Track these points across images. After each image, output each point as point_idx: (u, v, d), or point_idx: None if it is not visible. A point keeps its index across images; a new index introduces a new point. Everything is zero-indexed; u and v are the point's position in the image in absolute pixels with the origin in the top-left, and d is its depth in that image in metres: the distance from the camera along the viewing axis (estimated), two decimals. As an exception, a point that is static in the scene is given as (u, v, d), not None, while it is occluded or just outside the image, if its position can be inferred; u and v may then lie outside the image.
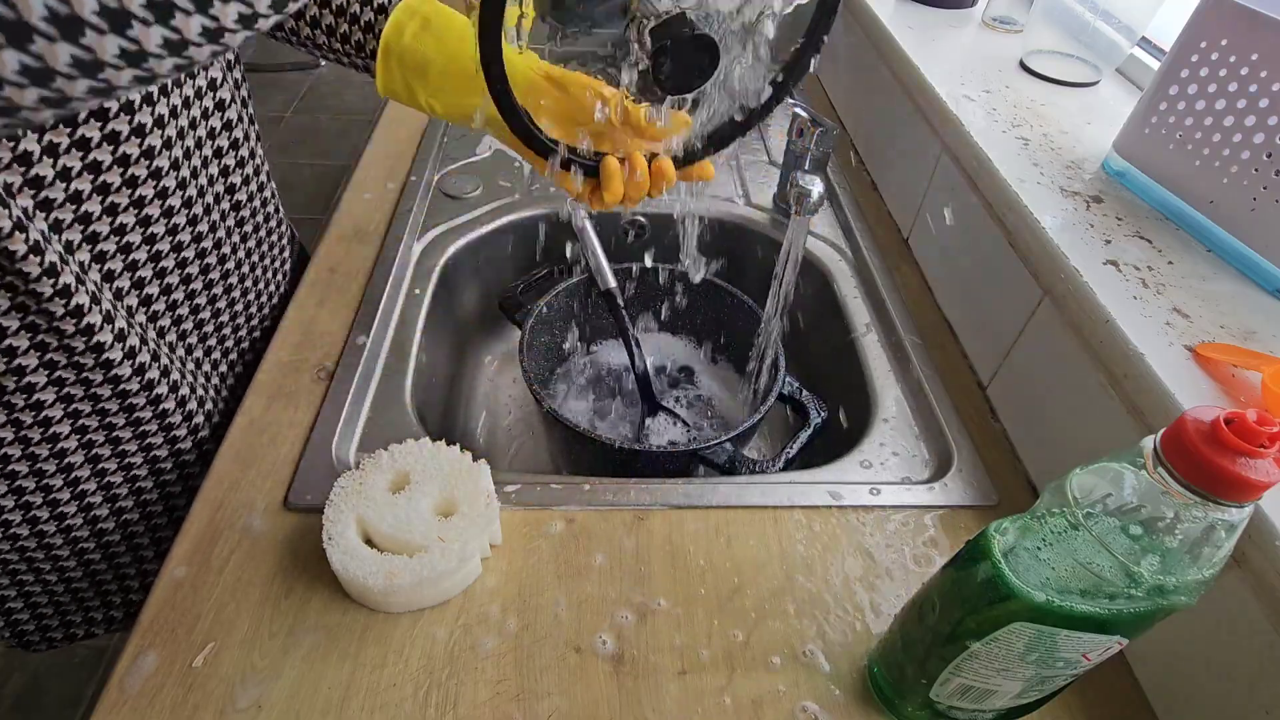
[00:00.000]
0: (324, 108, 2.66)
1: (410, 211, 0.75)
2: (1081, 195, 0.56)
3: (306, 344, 0.61)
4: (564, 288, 0.71)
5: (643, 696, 0.41)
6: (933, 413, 0.59)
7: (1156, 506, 0.28)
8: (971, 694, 0.37)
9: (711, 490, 0.52)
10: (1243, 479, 0.26)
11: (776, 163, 0.88)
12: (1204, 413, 0.27)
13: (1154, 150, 0.55)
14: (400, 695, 0.41)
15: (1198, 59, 0.51)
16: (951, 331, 0.67)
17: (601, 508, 0.51)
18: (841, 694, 0.42)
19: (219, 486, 0.50)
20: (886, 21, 0.81)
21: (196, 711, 0.40)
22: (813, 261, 0.76)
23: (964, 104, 0.66)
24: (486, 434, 0.78)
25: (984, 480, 0.54)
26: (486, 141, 0.87)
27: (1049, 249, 0.51)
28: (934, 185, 0.71)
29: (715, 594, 0.46)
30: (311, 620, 0.44)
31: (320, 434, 0.54)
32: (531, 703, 0.41)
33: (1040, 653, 0.33)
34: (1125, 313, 0.46)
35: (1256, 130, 0.48)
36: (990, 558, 0.33)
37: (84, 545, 0.57)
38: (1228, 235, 0.50)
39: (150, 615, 0.43)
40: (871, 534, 0.50)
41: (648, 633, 0.44)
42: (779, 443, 0.77)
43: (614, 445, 0.57)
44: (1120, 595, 0.30)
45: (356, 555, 0.43)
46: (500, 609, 0.45)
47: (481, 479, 0.47)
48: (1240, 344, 0.44)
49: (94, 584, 0.61)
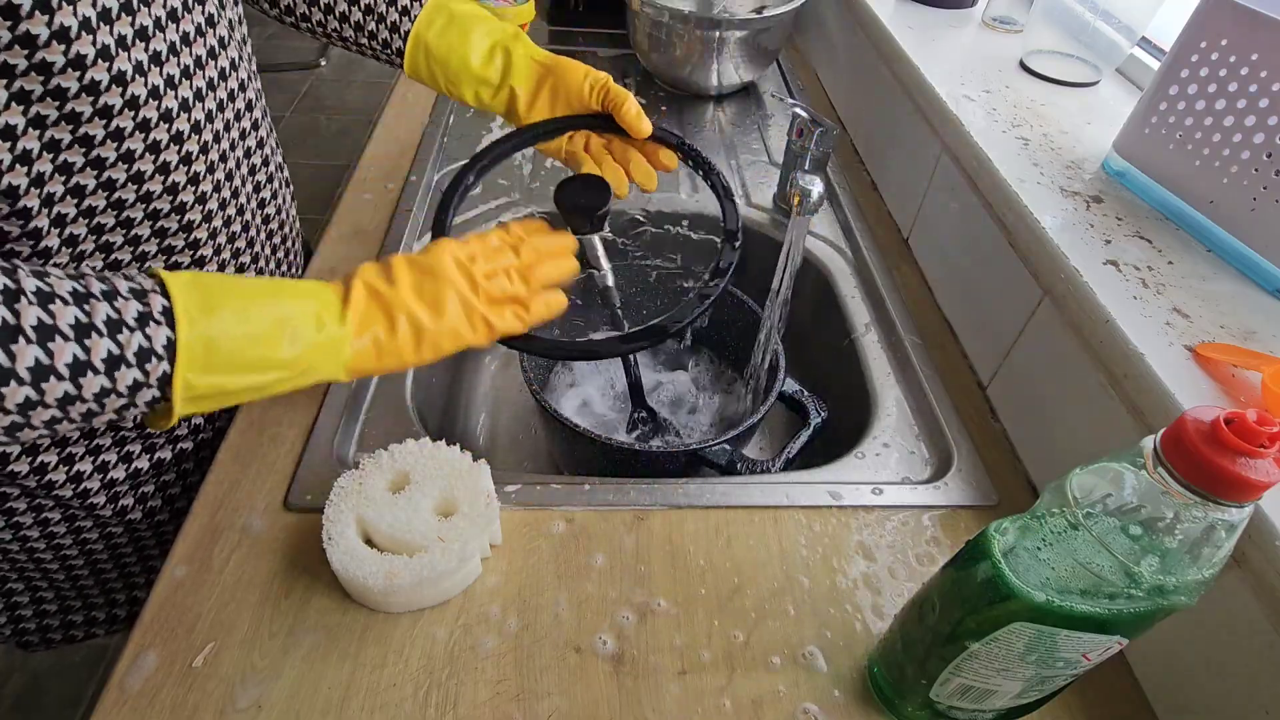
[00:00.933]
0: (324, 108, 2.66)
1: (410, 211, 0.75)
2: (1081, 195, 0.56)
3: (306, 344, 0.61)
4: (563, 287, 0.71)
5: (643, 697, 0.41)
6: (933, 413, 0.59)
7: (1156, 506, 0.28)
8: (971, 694, 0.37)
9: (711, 490, 0.52)
10: (1243, 479, 0.26)
11: (776, 163, 0.88)
12: (1204, 413, 0.27)
13: (1154, 150, 0.55)
14: (400, 695, 0.41)
15: (1198, 59, 0.51)
16: (951, 331, 0.66)
17: (601, 508, 0.51)
18: (841, 694, 0.42)
19: (219, 486, 0.50)
20: (886, 21, 0.81)
21: (196, 711, 0.40)
22: (813, 261, 0.76)
23: (964, 104, 0.66)
24: (486, 434, 0.78)
25: (984, 480, 0.54)
26: (486, 141, 0.87)
27: (1049, 249, 0.51)
28: (934, 185, 0.71)
29: (715, 594, 0.46)
30: (311, 620, 0.44)
31: (320, 434, 0.54)
32: (531, 703, 0.41)
33: (1040, 653, 0.33)
34: (1125, 313, 0.46)
35: (1256, 130, 0.48)
36: (990, 558, 0.33)
37: (93, 545, 0.57)
38: (1228, 235, 0.50)
39: (150, 615, 0.43)
40: (871, 534, 0.50)
41: (648, 633, 0.44)
42: (779, 443, 0.77)
43: (614, 445, 0.57)
44: (1120, 595, 0.30)
45: (356, 555, 0.43)
46: (500, 609, 0.45)
47: (481, 479, 0.47)
48: (1240, 344, 0.44)
49: (99, 582, 0.61)
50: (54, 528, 0.54)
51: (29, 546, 0.54)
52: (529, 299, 0.43)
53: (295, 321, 0.36)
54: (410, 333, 0.40)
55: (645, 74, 1.04)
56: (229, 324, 0.34)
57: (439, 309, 0.40)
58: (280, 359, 0.36)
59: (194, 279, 0.35)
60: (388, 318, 0.39)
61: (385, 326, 0.39)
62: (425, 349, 0.40)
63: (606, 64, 1.06)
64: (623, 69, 1.05)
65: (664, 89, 1.01)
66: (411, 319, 0.40)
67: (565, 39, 1.12)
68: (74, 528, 0.55)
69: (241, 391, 0.36)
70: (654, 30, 0.93)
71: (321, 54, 2.98)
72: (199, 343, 0.33)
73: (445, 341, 0.41)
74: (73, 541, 0.56)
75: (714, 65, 0.94)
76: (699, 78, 0.96)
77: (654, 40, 0.94)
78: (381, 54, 0.57)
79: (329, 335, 0.37)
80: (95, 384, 0.31)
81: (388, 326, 0.39)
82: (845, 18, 0.94)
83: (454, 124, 0.90)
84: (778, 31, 0.93)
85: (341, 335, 0.38)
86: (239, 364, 0.35)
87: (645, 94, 1.00)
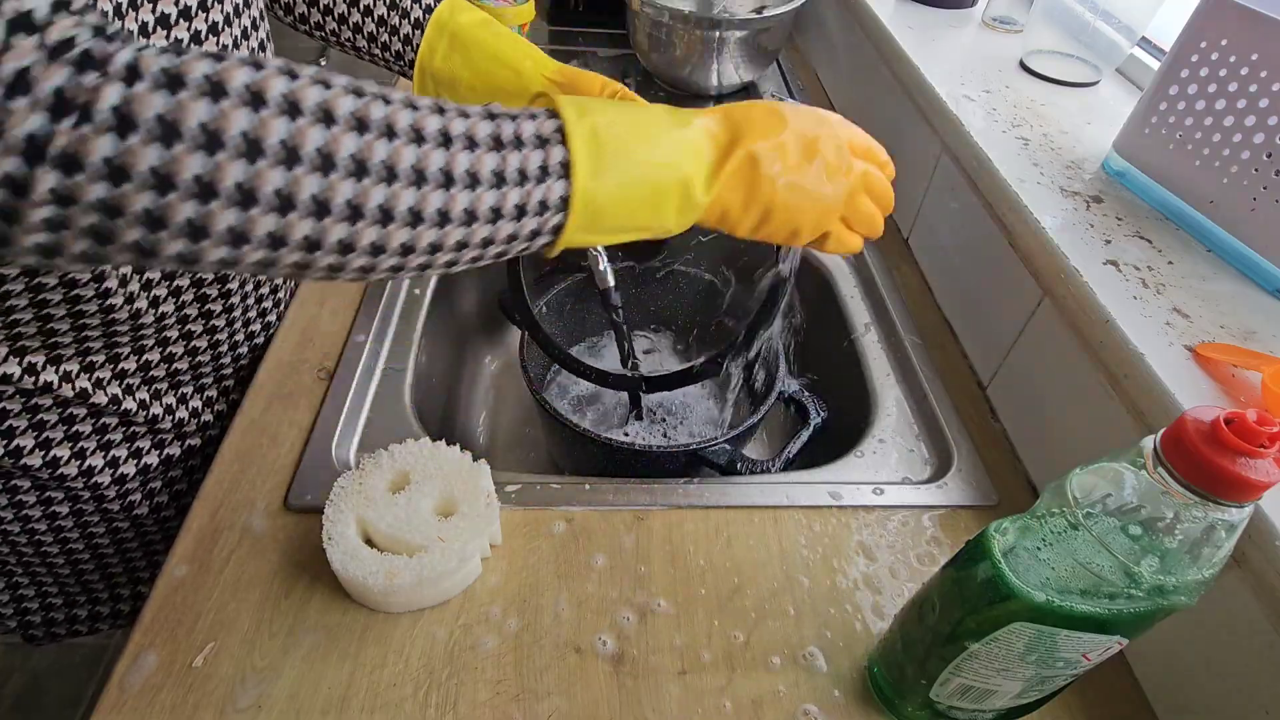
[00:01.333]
0: (324, 108, 2.65)
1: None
2: (1081, 195, 0.56)
3: (306, 344, 0.61)
4: (564, 287, 0.71)
5: (643, 697, 0.41)
6: (933, 413, 0.59)
7: (1156, 506, 0.28)
8: (971, 694, 0.37)
9: (711, 490, 0.52)
10: (1243, 479, 0.26)
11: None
12: (1204, 413, 0.27)
13: (1154, 150, 0.55)
14: (400, 695, 0.41)
15: (1198, 59, 0.51)
16: (951, 331, 0.66)
17: (601, 508, 0.51)
18: (841, 694, 0.42)
19: (219, 486, 0.50)
20: (886, 21, 0.81)
21: (196, 711, 0.40)
22: (813, 261, 0.76)
23: (964, 104, 0.66)
24: (486, 434, 0.78)
25: (984, 480, 0.54)
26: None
27: (1049, 249, 0.51)
28: (934, 185, 0.71)
29: (715, 594, 0.46)
30: (311, 620, 0.44)
31: (320, 434, 0.54)
32: (531, 703, 0.41)
33: (1040, 653, 0.33)
34: (1125, 313, 0.46)
35: (1256, 130, 0.48)
36: (990, 558, 0.33)
37: (99, 540, 0.57)
38: (1228, 235, 0.50)
39: (150, 615, 0.43)
40: (871, 534, 0.50)
41: (648, 633, 0.44)
42: (779, 443, 0.77)
43: (614, 445, 0.57)
44: (1120, 595, 0.30)
45: (356, 555, 0.43)
46: (500, 609, 0.45)
47: (481, 479, 0.47)
48: (1240, 344, 0.44)
49: (104, 576, 0.61)
50: (61, 521, 0.54)
51: (36, 539, 0.54)
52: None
53: (668, 193, 0.36)
54: (757, 216, 0.39)
55: (645, 74, 1.04)
56: (613, 192, 0.35)
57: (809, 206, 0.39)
58: (645, 225, 0.37)
59: (593, 133, 0.34)
60: (748, 197, 0.38)
61: (740, 204, 0.38)
62: (769, 225, 0.39)
63: (606, 64, 1.06)
64: (623, 69, 1.05)
65: (664, 89, 1.01)
66: (768, 207, 0.38)
67: (565, 39, 1.12)
68: (81, 521, 0.55)
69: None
70: (654, 30, 0.93)
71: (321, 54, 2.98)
72: (586, 208, 0.34)
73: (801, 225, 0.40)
74: (79, 535, 0.56)
75: (714, 65, 0.94)
76: (699, 78, 0.96)
77: (654, 40, 0.94)
78: (394, 66, 0.56)
79: (693, 206, 0.37)
80: (505, 230, 0.33)
81: (742, 205, 0.38)
82: (845, 18, 0.94)
83: (454, 124, 0.90)
84: (778, 31, 0.93)
85: (702, 204, 0.38)
86: (611, 229, 0.36)
87: (645, 94, 1.00)
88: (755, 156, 0.37)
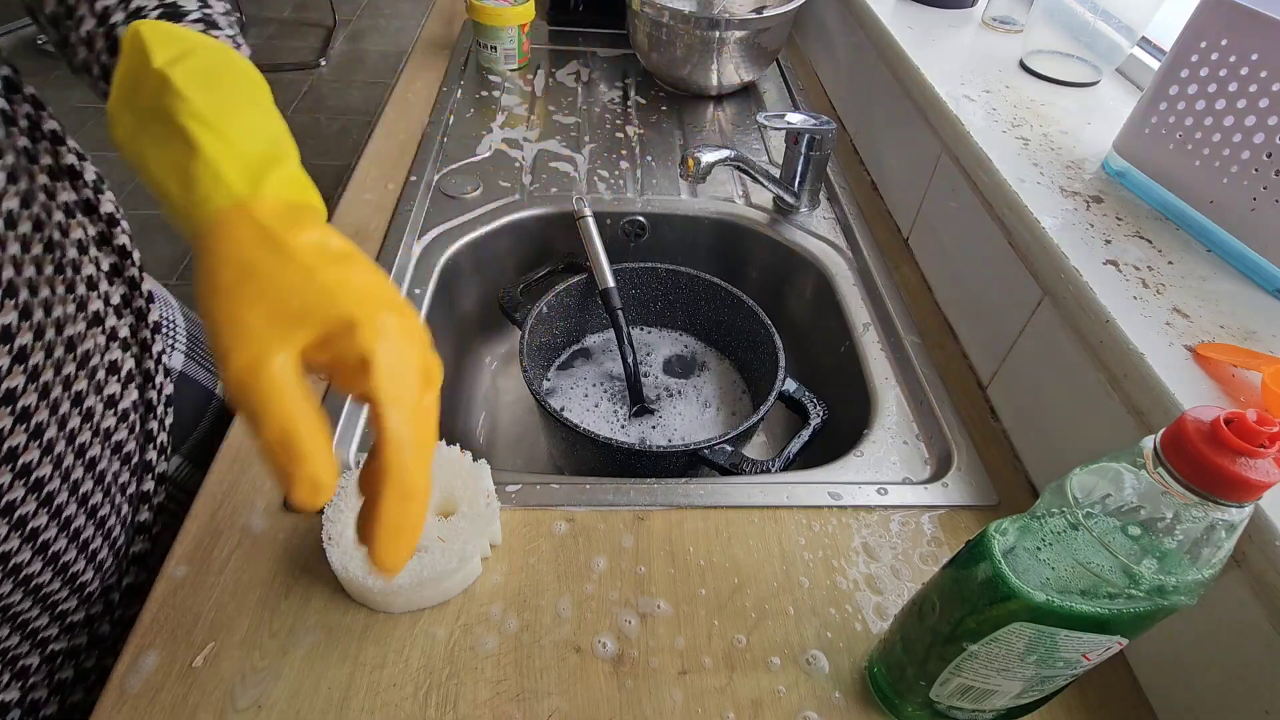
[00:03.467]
0: (324, 108, 2.66)
1: (410, 212, 0.75)
2: (1081, 195, 0.56)
3: (306, 344, 0.61)
4: (564, 288, 0.71)
5: (643, 697, 0.41)
6: (933, 413, 0.59)
7: (1156, 506, 0.28)
8: (971, 694, 0.37)
9: (711, 490, 0.52)
10: (1243, 479, 0.26)
11: (776, 163, 0.88)
12: (1204, 413, 0.27)
13: (1154, 150, 0.55)
14: (400, 695, 0.41)
15: (1198, 59, 0.51)
16: (951, 331, 0.67)
17: (601, 508, 0.51)
18: (841, 695, 0.42)
19: (219, 487, 0.50)
20: (886, 21, 0.81)
21: (196, 711, 0.40)
22: (813, 261, 0.76)
23: (964, 104, 0.66)
24: (486, 434, 0.78)
25: (984, 480, 0.54)
26: (486, 142, 0.87)
27: (1049, 249, 0.51)
28: (934, 185, 0.71)
29: (715, 594, 0.46)
30: (311, 620, 0.44)
31: (320, 434, 0.54)
32: (531, 703, 0.41)
33: (1040, 653, 0.33)
34: (1125, 313, 0.46)
35: (1256, 130, 0.48)
36: (990, 558, 0.33)
37: None
38: (1228, 235, 0.50)
39: (150, 615, 0.43)
40: (871, 534, 0.50)
41: (648, 633, 0.44)
42: (779, 443, 0.77)
43: (614, 445, 0.57)
44: (1120, 595, 0.30)
45: (356, 555, 0.43)
46: (500, 609, 0.45)
47: (481, 479, 0.47)
48: (1240, 344, 0.44)
49: None
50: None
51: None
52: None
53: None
54: None
55: (645, 74, 1.04)
56: None
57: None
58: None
59: None
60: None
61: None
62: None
63: (606, 64, 1.06)
64: (623, 69, 1.05)
65: (664, 89, 1.01)
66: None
67: (565, 39, 1.12)
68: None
69: None
70: (654, 30, 0.93)
71: (321, 54, 2.98)
72: None
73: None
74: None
75: (714, 65, 0.94)
76: (699, 78, 0.96)
77: (654, 40, 0.94)
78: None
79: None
80: None
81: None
82: (845, 18, 0.94)
83: (454, 124, 0.90)
84: (778, 31, 0.93)
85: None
86: None
87: (645, 94, 1.00)
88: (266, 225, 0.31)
